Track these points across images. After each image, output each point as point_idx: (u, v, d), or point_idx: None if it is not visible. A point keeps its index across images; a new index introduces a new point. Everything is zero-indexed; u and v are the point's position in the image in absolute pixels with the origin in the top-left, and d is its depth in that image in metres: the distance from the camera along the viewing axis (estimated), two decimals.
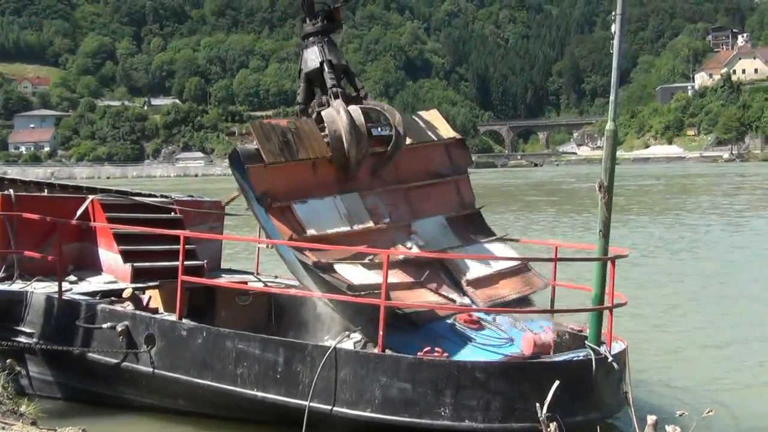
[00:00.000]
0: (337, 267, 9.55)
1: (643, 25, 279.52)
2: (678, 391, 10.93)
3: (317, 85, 11.12)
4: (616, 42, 9.09)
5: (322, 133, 10.27)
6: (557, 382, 6.63)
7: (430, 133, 11.61)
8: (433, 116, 12.00)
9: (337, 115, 10.21)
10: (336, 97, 10.57)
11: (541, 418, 5.66)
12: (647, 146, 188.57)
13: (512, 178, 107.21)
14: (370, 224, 10.45)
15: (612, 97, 9.10)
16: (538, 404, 5.88)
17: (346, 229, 10.20)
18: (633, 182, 79.49)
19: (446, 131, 11.84)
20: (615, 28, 9.07)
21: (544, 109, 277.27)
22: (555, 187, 75.99)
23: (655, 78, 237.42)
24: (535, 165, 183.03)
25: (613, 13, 9.29)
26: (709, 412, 5.94)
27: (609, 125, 8.95)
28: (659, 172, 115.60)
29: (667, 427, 5.22)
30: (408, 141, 11.01)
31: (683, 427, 5.29)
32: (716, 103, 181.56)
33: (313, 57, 10.94)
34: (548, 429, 5.55)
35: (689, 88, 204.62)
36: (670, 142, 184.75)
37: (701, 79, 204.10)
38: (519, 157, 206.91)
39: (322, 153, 10.21)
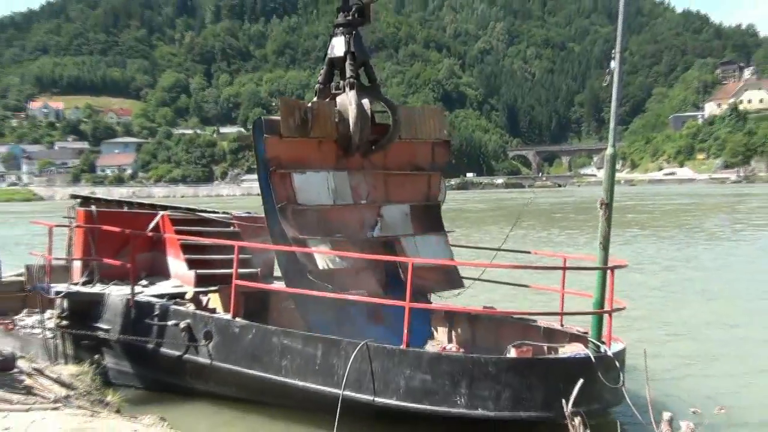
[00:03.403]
0: (310, 242, 10.01)
1: (657, 60, 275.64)
2: (690, 390, 10.58)
3: (338, 70, 11.20)
4: (615, 80, 9.14)
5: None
6: (581, 380, 6.65)
7: (424, 130, 11.73)
8: (433, 114, 12.09)
9: (349, 104, 10.46)
10: (352, 87, 10.72)
11: (567, 413, 5.67)
12: (661, 169, 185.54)
13: (544, 197, 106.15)
14: (350, 201, 10.83)
15: (612, 125, 9.16)
16: (564, 400, 5.88)
17: (329, 203, 10.57)
18: (655, 201, 78.44)
19: (437, 130, 11.96)
20: (614, 64, 9.10)
21: (567, 135, 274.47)
22: (583, 206, 74.98)
23: (668, 108, 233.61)
24: (559, 186, 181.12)
25: (613, 51, 9.35)
26: (720, 409, 5.89)
27: (608, 150, 9.01)
28: (675, 192, 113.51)
29: (681, 422, 5.14)
30: (404, 133, 11.27)
31: (697, 424, 5.21)
32: (724, 130, 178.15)
33: (339, 46, 11.00)
34: (573, 422, 5.56)
35: (699, 116, 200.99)
36: (681, 166, 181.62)
37: (710, 108, 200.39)
38: (544, 178, 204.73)
39: (330, 134, 10.52)
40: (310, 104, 10.53)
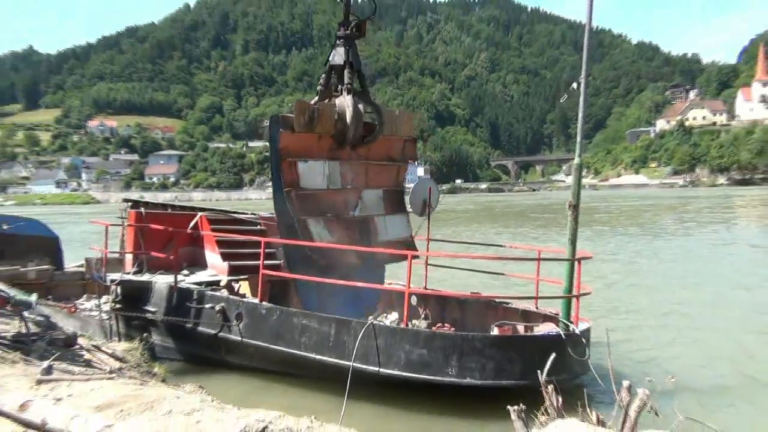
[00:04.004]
0: (309, 221, 10.27)
1: (616, 84, 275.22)
2: (646, 363, 10.58)
3: (337, 75, 11.14)
4: (581, 101, 9.12)
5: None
6: (553, 354, 6.63)
7: (400, 129, 11.79)
8: (407, 117, 12.07)
9: (347, 107, 10.51)
10: (349, 92, 10.74)
11: (541, 382, 5.64)
12: (619, 175, 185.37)
13: (522, 199, 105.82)
14: (339, 186, 10.96)
15: (578, 139, 9.12)
16: (539, 370, 5.87)
17: (324, 187, 10.71)
18: (615, 202, 78.23)
19: (410, 130, 12.02)
20: (574, 85, 9.13)
21: (540, 147, 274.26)
22: (554, 207, 74.66)
23: (625, 124, 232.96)
24: (534, 190, 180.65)
25: (580, 77, 9.33)
26: (671, 378, 5.91)
27: (576, 160, 8.99)
28: (632, 195, 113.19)
29: (638, 389, 5.13)
30: (385, 131, 11.36)
31: (651, 390, 5.19)
32: (673, 143, 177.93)
33: (339, 55, 10.94)
34: (547, 389, 5.54)
35: (652, 131, 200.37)
36: (637, 172, 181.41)
37: (661, 124, 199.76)
38: (521, 184, 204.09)
39: (328, 130, 10.57)
40: (316, 105, 10.59)
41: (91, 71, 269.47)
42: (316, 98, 10.94)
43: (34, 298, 8.56)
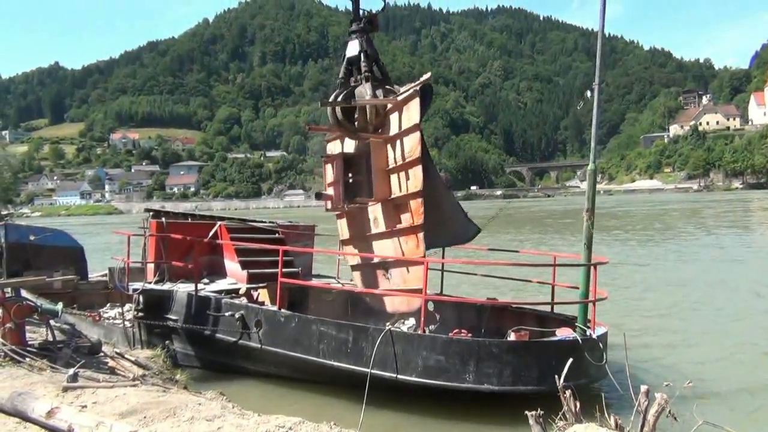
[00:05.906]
0: None
1: (629, 90, 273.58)
2: (664, 367, 10.40)
3: (355, 68, 11.10)
4: (595, 107, 9.07)
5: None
6: (570, 359, 6.54)
7: None
8: None
9: (365, 94, 10.63)
10: (367, 80, 10.77)
11: (559, 387, 5.59)
12: (633, 180, 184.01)
13: (541, 205, 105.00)
14: None
15: (592, 144, 9.11)
16: (556, 376, 5.79)
17: None
18: (633, 207, 77.50)
19: None
20: (589, 93, 9.05)
21: (554, 153, 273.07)
22: (570, 212, 74.05)
23: (639, 130, 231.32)
24: (548, 196, 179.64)
25: (594, 83, 9.28)
26: (689, 383, 5.81)
27: (590, 166, 8.91)
28: (647, 200, 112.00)
29: (656, 394, 5.06)
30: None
31: (670, 395, 5.10)
32: (687, 148, 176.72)
33: (354, 47, 10.93)
34: (564, 395, 5.48)
35: (666, 136, 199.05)
36: (651, 178, 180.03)
37: (675, 129, 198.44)
38: (536, 190, 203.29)
39: None
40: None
41: (113, 85, 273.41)
42: (336, 91, 10.98)
43: (59, 306, 8.65)
